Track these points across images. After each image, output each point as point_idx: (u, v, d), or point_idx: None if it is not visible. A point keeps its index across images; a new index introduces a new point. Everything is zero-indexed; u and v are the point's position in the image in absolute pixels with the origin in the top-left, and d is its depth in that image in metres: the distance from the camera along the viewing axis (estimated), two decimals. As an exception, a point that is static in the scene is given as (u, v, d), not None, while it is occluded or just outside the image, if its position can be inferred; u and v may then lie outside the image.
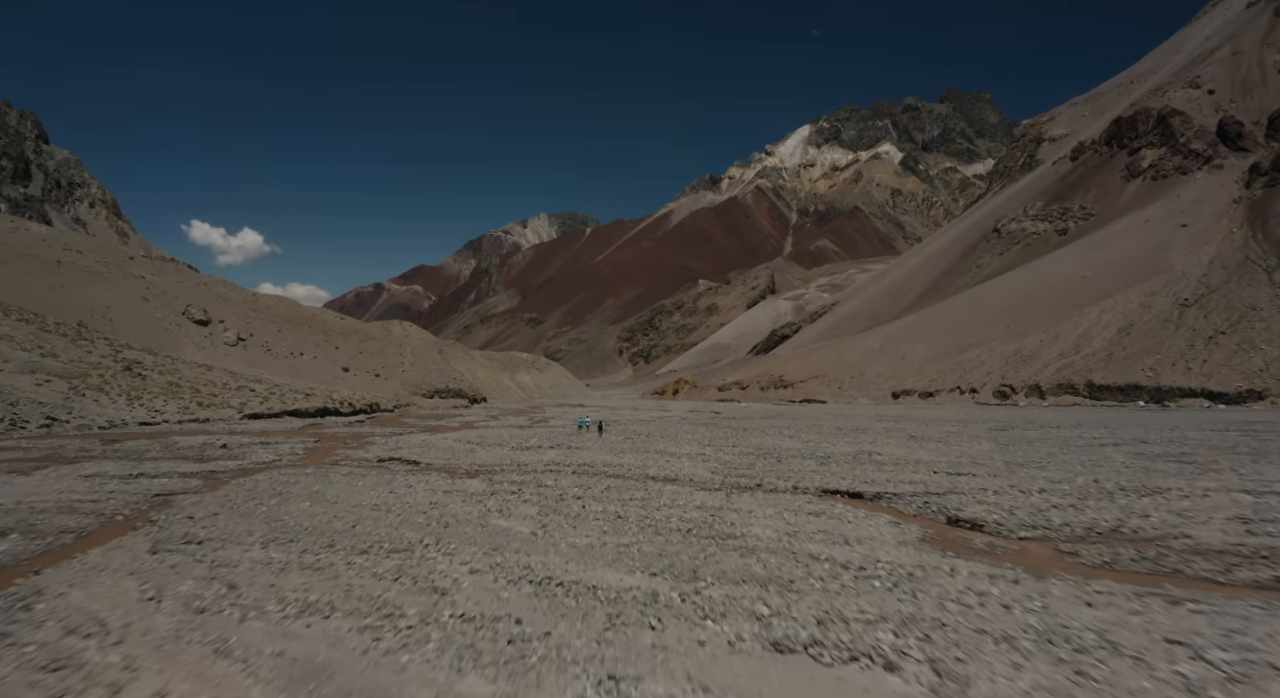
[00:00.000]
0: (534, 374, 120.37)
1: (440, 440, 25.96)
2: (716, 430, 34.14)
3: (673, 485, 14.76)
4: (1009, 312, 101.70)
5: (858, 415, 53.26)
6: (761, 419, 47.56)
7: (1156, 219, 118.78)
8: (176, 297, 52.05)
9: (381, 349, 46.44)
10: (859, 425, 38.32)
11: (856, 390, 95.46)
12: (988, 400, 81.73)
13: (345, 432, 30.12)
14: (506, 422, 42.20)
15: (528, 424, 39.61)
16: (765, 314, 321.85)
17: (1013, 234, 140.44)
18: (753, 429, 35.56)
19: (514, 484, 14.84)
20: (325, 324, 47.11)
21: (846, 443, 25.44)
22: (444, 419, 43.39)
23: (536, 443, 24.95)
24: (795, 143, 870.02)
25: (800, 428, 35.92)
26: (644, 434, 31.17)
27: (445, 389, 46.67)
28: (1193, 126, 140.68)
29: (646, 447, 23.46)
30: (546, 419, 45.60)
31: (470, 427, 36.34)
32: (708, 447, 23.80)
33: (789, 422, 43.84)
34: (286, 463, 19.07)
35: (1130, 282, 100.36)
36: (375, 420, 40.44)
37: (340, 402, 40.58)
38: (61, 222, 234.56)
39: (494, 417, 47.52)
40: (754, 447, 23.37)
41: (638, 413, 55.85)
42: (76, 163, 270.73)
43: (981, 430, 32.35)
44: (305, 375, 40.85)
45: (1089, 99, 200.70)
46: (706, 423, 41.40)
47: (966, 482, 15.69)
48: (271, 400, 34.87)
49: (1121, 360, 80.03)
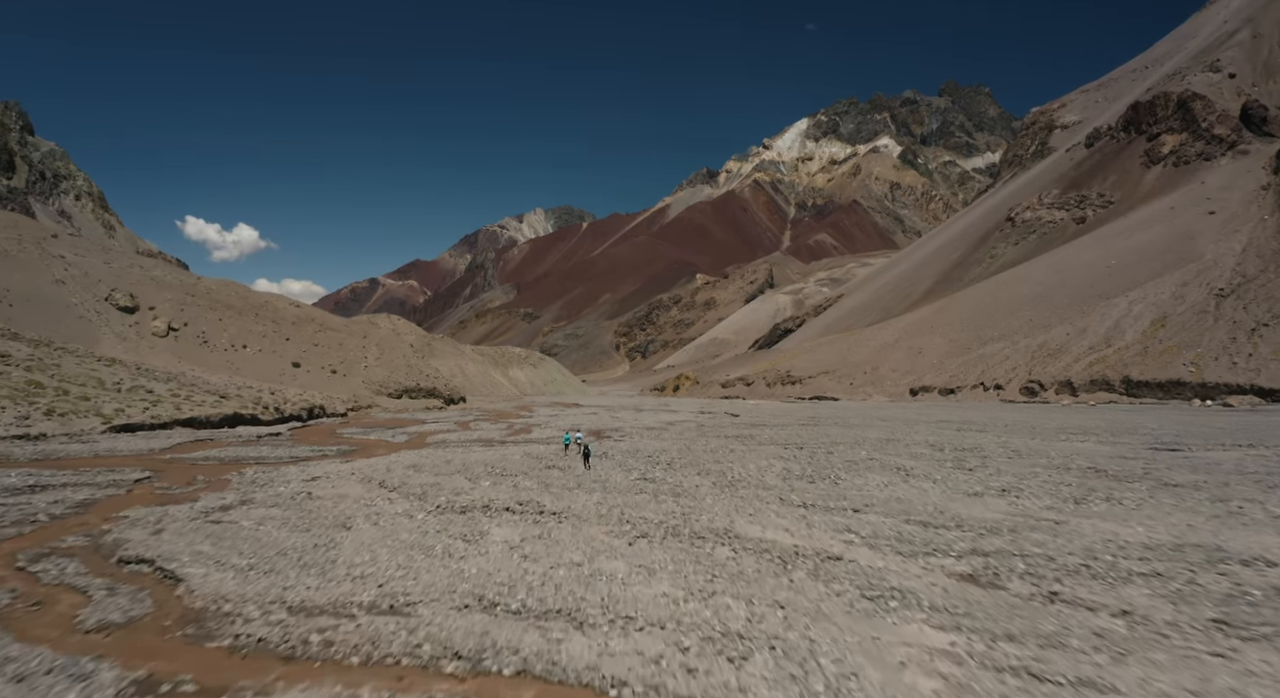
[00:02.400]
0: (528, 370, 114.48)
1: (335, 482, 16.61)
2: (774, 457, 21.94)
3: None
4: (1030, 303, 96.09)
5: (914, 419, 45.00)
6: (804, 426, 37.67)
7: (1181, 206, 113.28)
8: (100, 280, 44.86)
9: (341, 342, 39.33)
10: (987, 441, 27.44)
11: (870, 387, 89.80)
12: (1014, 398, 76.15)
13: (221, 457, 21.51)
14: (476, 432, 34.15)
15: (501, 437, 31.86)
16: (764, 309, 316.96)
17: (1027, 223, 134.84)
18: (828, 445, 25.53)
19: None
20: (276, 312, 40.02)
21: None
22: (397, 430, 35.08)
23: (485, 497, 14.35)
24: (793, 136, 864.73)
25: (911, 446, 25.11)
26: (663, 460, 21.05)
27: (416, 388, 39.70)
28: (1215, 111, 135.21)
29: (692, 518, 12.08)
30: (529, 427, 37.70)
31: (419, 444, 28.00)
32: (833, 517, 12.15)
33: (850, 430, 34.49)
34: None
35: (1159, 271, 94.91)
36: (304, 432, 32.98)
37: (265, 406, 33.74)
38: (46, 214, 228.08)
39: (464, 424, 39.50)
40: (931, 515, 12.25)
41: (641, 416, 49.16)
42: (63, 154, 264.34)
43: (1138, 446, 24.59)
44: (247, 372, 34.26)
45: (1101, 85, 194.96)
46: (740, 435, 31.53)
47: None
48: (164, 405, 28.58)
49: (1159, 355, 74.46)
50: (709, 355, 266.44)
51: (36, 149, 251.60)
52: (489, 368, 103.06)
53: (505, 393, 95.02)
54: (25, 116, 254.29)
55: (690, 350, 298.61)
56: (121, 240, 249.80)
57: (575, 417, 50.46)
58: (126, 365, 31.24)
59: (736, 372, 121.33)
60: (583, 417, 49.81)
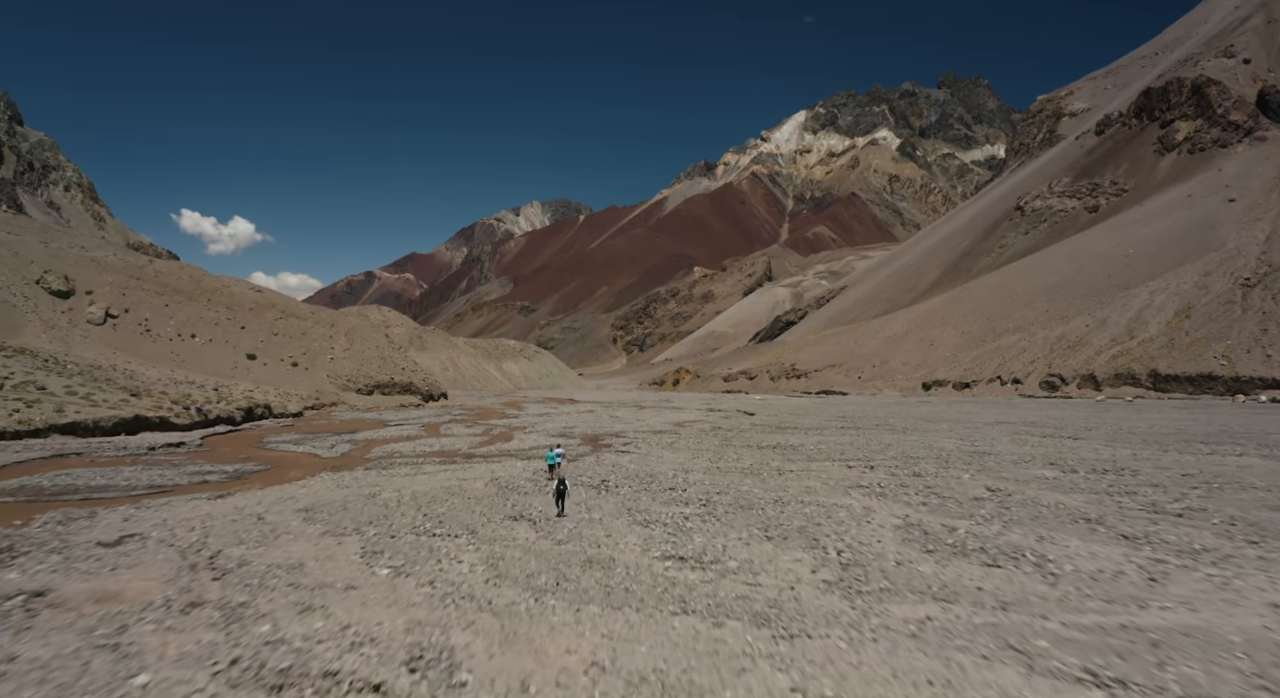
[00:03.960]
0: (522, 363, 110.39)
1: (105, 579, 8.23)
2: (852, 488, 15.01)
3: None
4: (1046, 294, 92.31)
5: (966, 419, 38.44)
6: (842, 430, 31.67)
7: (1199, 194, 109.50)
8: (33, 261, 41.55)
9: (305, 331, 34.78)
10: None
11: (880, 381, 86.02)
12: (1034, 392, 72.42)
13: (31, 488, 15.51)
14: (442, 441, 28.44)
15: (470, 448, 26.05)
16: (763, 301, 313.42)
17: (1038, 212, 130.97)
18: (902, 460, 20.02)
19: None
20: (233, 298, 35.25)
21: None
22: (343, 436, 28.82)
23: (352, 629, 6.62)
24: (791, 129, 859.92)
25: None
26: (693, 496, 14.20)
27: (390, 383, 34.96)
28: (1230, 97, 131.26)
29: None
30: (511, 431, 31.62)
31: (357, 461, 21.91)
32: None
33: (903, 435, 28.54)
34: None
35: (1179, 260, 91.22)
36: (224, 440, 26.93)
37: (187, 407, 27.81)
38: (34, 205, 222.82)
39: (433, 427, 33.04)
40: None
41: (644, 415, 44.45)
42: (52, 145, 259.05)
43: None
44: (193, 364, 29.84)
45: (1109, 72, 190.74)
46: (776, 445, 25.22)
47: None
48: (42, 407, 23.06)
49: (1187, 348, 70.76)
50: (707, 349, 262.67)
51: (25, 139, 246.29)
52: (482, 361, 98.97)
53: (498, 387, 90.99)
54: (14, 106, 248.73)
55: (688, 344, 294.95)
56: (112, 232, 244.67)
57: (569, 416, 44.86)
58: (35, 357, 26.73)
59: (738, 365, 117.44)
60: (577, 417, 44.25)
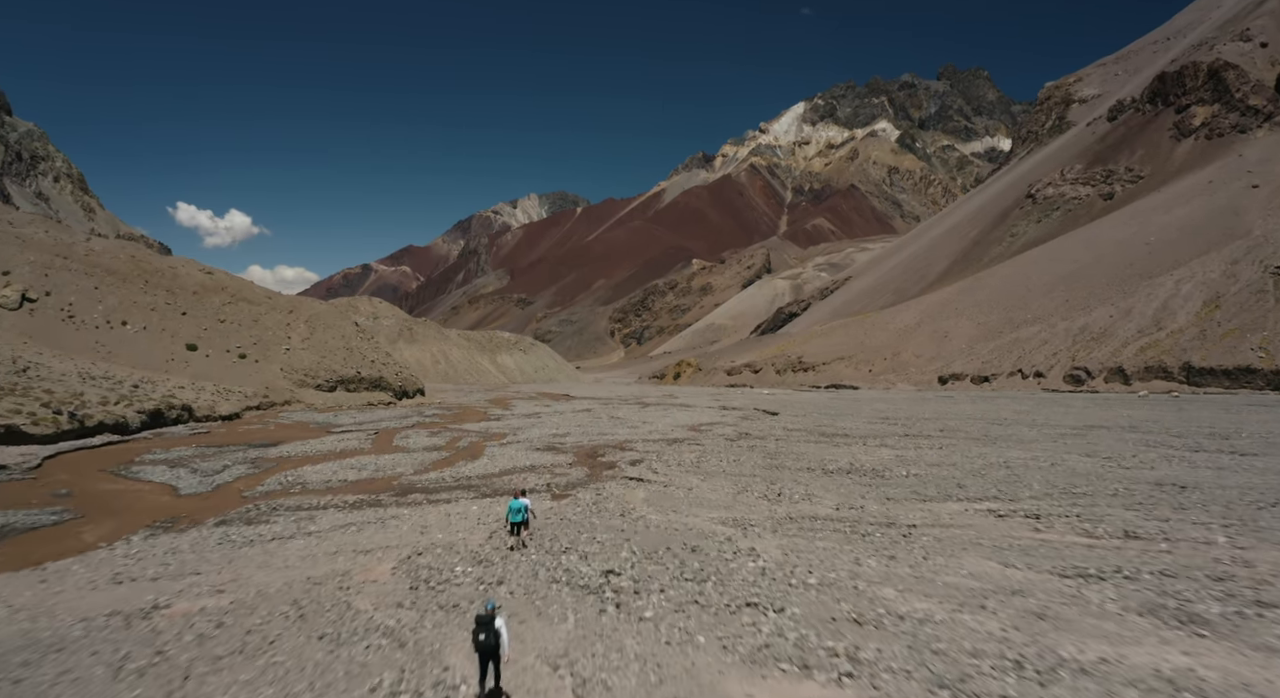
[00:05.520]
0: (517, 356, 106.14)
1: None
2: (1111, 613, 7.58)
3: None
4: (1065, 283, 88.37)
5: (1049, 422, 33.01)
6: (905, 436, 25.71)
7: (1221, 180, 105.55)
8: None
9: (257, 318, 30.11)
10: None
11: (893, 374, 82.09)
12: (1058, 386, 68.53)
13: None
14: (385, 460, 21.85)
15: (419, 473, 19.72)
16: (762, 294, 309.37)
17: (1050, 199, 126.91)
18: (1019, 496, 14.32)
19: None
20: (175, 280, 30.27)
21: None
22: (250, 452, 22.65)
23: None
24: (790, 120, 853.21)
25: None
26: (783, 600, 8.14)
27: (357, 378, 30.02)
28: (1249, 81, 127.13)
29: None
30: (484, 442, 24.73)
31: (233, 496, 16.66)
32: None
33: (988, 445, 22.77)
34: None
35: (1203, 248, 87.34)
36: (75, 462, 20.85)
37: (60, 410, 21.93)
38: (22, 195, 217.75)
39: (388, 438, 26.20)
40: None
41: (649, 415, 38.55)
42: (41, 135, 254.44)
43: None
44: (122, 356, 25.34)
45: (1119, 58, 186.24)
46: (847, 469, 18.91)
47: None
48: None
49: (1220, 339, 66.93)
50: (706, 342, 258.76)
51: (14, 129, 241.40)
52: (475, 354, 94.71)
53: (491, 381, 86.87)
54: (2, 96, 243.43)
55: (687, 336, 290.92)
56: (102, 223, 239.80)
57: (562, 418, 38.41)
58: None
59: (742, 358, 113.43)
60: (571, 419, 37.70)
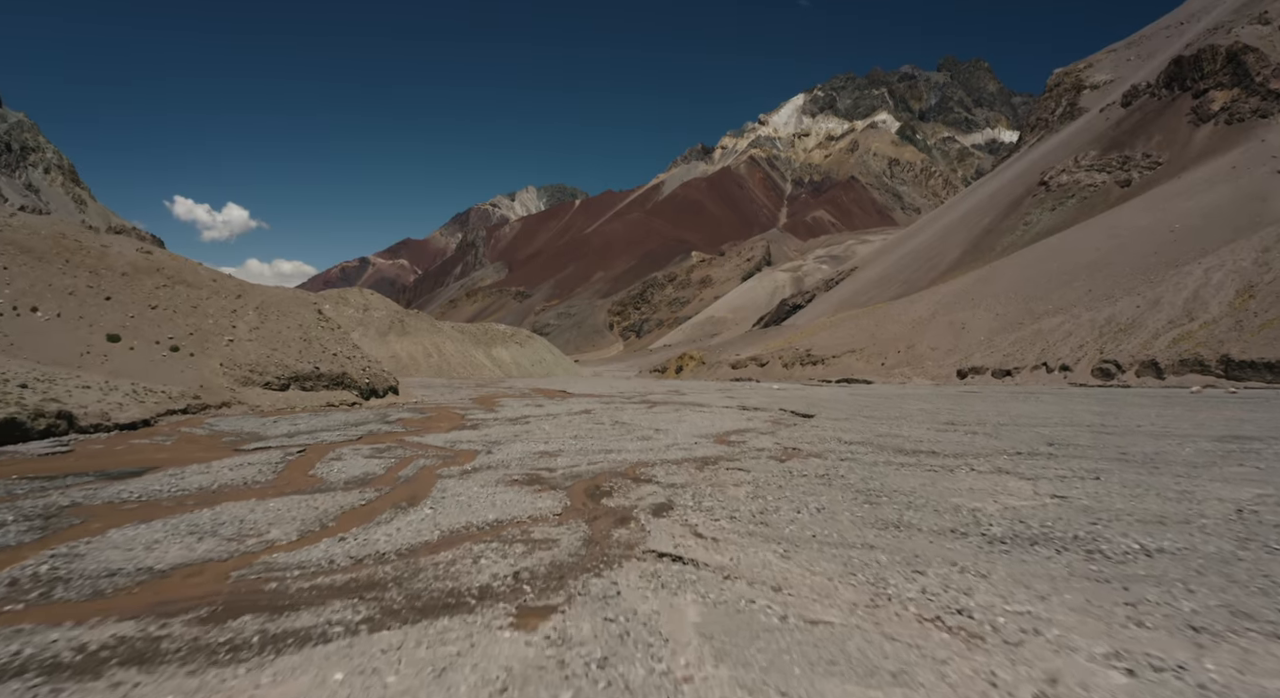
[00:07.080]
0: (513, 349, 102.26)
1: None
2: None
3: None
4: (1087, 272, 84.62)
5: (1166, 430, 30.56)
6: (1098, 481, 22.51)
7: (1245, 165, 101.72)
8: None
9: (197, 304, 25.65)
10: None
11: (907, 367, 78.30)
12: (1086, 380, 64.70)
13: None
14: (267, 511, 8.47)
15: (297, 544, 3.32)
16: (762, 286, 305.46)
17: (1064, 187, 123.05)
18: None
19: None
20: (103, 260, 25.80)
21: None
22: (85, 492, 8.89)
23: None
24: (789, 112, 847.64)
25: None
26: None
27: (315, 374, 25.51)
28: (1269, 65, 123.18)
29: None
30: (436, 472, 14.40)
31: None
32: None
33: (1140, 468, 19.89)
34: None
35: (1231, 236, 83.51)
36: None
37: None
38: (11, 187, 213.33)
39: (305, 463, 11.51)
40: None
41: (659, 417, 32.30)
42: (31, 126, 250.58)
43: None
44: (26, 348, 21.28)
45: (1131, 43, 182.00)
46: (1002, 541, 6.47)
47: None
48: None
49: (1258, 330, 63.08)
50: (706, 334, 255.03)
51: (3, 121, 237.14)
52: (469, 347, 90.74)
53: (486, 375, 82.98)
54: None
55: (686, 329, 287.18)
56: (93, 215, 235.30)
57: (555, 424, 24.49)
58: None
59: (747, 351, 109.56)
60: (567, 425, 23.08)
